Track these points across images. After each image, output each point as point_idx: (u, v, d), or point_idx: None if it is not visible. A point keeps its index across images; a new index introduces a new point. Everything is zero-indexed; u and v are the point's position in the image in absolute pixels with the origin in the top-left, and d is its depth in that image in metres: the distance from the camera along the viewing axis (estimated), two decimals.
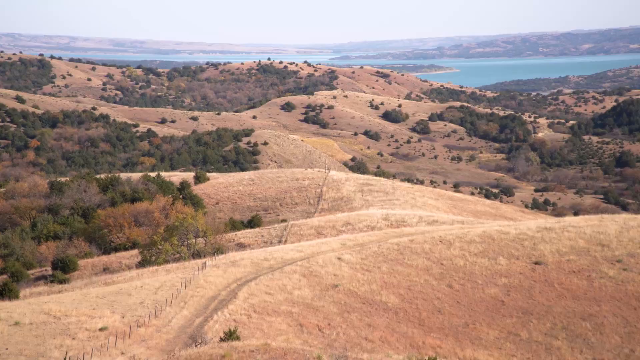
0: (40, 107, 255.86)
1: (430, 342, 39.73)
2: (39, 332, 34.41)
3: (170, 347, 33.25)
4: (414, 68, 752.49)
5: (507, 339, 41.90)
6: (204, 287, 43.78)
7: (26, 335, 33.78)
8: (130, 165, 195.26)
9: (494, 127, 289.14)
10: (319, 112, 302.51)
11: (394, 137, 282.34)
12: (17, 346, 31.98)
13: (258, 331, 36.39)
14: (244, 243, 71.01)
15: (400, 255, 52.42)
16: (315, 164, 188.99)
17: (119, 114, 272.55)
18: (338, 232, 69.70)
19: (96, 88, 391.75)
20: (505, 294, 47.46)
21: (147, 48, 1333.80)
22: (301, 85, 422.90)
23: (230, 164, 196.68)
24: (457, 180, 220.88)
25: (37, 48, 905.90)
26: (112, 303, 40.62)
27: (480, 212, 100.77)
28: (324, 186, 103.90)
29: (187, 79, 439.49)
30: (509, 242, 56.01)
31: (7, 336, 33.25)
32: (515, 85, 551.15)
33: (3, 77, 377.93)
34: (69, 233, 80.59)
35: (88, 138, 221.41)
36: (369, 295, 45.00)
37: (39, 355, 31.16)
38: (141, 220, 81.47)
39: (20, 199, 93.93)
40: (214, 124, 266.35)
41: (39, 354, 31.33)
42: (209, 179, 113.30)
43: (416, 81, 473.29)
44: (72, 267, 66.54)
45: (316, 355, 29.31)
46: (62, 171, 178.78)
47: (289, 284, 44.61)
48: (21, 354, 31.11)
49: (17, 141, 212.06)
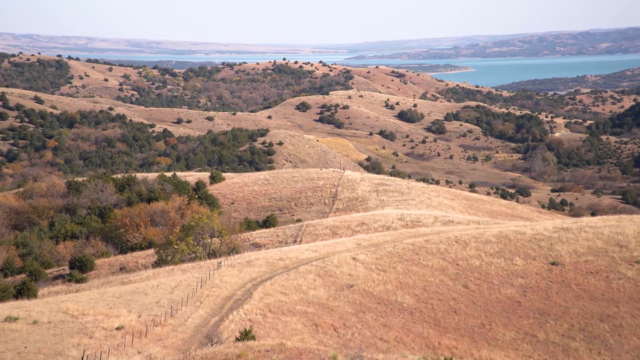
0: (58, 107, 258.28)
1: (446, 343, 39.57)
2: (57, 331, 34.71)
3: (186, 347, 33.40)
4: (429, 68, 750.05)
5: (524, 339, 41.62)
6: (220, 287, 43.92)
7: (44, 334, 34.09)
8: (146, 165, 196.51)
9: (510, 126, 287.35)
10: (334, 112, 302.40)
11: (409, 137, 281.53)
12: (35, 345, 32.28)
13: (273, 331, 36.44)
14: (259, 243, 71.18)
15: (416, 255, 52.26)
16: (330, 164, 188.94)
17: (135, 114, 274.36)
18: (353, 232, 69.64)
19: (113, 88, 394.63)
20: (521, 295, 47.15)
21: (163, 48, 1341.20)
22: (316, 85, 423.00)
23: (245, 163, 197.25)
24: (472, 180, 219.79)
25: (55, 49, 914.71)
26: (128, 302, 40.88)
27: (496, 213, 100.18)
28: (339, 186, 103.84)
29: (202, 79, 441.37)
30: (526, 242, 55.64)
31: (25, 335, 33.58)
32: (532, 85, 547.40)
33: (22, 78, 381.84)
34: (86, 232, 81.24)
35: (105, 138, 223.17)
36: (384, 295, 44.90)
37: (57, 353, 31.43)
38: (157, 220, 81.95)
39: (38, 199, 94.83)
40: (230, 124, 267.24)
41: (57, 352, 31.59)
42: (225, 179, 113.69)
43: (432, 81, 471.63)
44: (89, 266, 67.08)
45: (331, 355, 29.30)
46: (79, 171, 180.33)
47: (304, 283, 44.64)
48: (39, 352, 31.39)
49: (35, 141, 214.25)
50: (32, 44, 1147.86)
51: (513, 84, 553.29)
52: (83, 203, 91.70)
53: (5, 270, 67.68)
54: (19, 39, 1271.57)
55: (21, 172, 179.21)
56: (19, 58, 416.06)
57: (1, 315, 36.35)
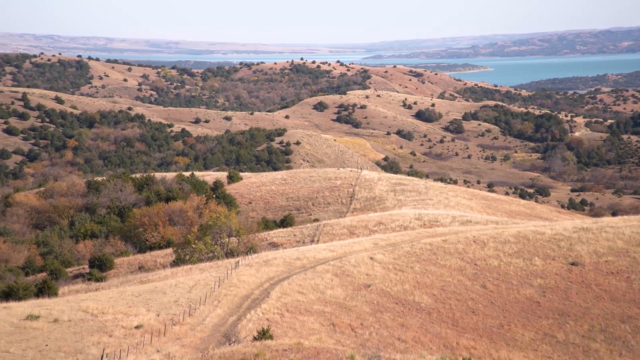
0: (78, 107, 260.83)
1: (464, 343, 39.38)
2: (77, 329, 35.05)
3: (205, 346, 33.56)
4: (447, 67, 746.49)
5: (543, 340, 41.29)
6: (237, 286, 44.08)
7: (65, 332, 34.44)
8: (164, 165, 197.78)
9: (529, 126, 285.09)
10: (351, 111, 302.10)
11: (427, 137, 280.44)
12: (56, 343, 32.63)
13: (291, 330, 36.50)
14: (276, 242, 71.33)
15: (433, 255, 52.06)
16: (348, 164, 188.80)
17: (154, 114, 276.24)
18: (370, 231, 69.54)
19: (132, 88, 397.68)
20: (540, 295, 46.78)
21: (181, 48, 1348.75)
22: (334, 84, 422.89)
23: (262, 163, 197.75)
24: (491, 180, 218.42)
25: (75, 49, 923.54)
26: (147, 301, 41.16)
27: (515, 212, 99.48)
28: (357, 186, 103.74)
29: (220, 79, 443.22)
30: (545, 242, 55.19)
31: (46, 333, 33.95)
32: (552, 84, 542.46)
33: (43, 78, 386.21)
34: (105, 232, 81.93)
35: (124, 138, 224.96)
36: (401, 295, 44.79)
37: (77, 352, 31.74)
38: (175, 220, 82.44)
39: (58, 198, 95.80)
40: (247, 124, 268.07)
41: (77, 350, 31.91)
42: (242, 179, 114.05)
43: (450, 80, 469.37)
44: (108, 265, 67.65)
45: (349, 355, 29.28)
46: (98, 171, 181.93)
47: (321, 283, 44.66)
48: (60, 350, 31.72)
49: (56, 141, 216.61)
50: (53, 44, 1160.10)
51: (532, 83, 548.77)
52: (102, 202, 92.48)
53: (27, 269, 68.48)
54: (40, 39, 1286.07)
55: (42, 172, 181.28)
56: (40, 58, 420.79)
57: (23, 313, 36.79)
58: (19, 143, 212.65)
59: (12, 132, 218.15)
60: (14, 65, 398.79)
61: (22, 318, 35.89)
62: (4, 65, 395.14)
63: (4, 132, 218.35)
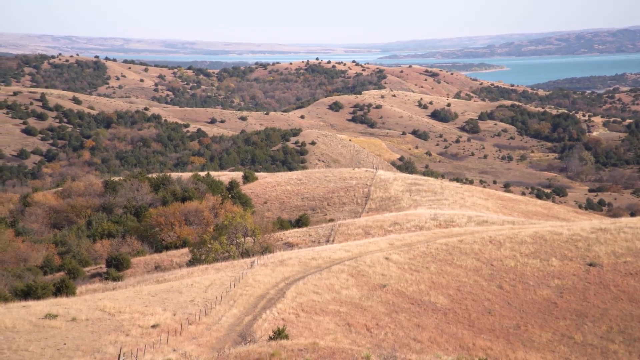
0: (95, 107, 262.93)
1: (481, 344, 39.18)
2: (95, 328, 35.32)
3: (220, 345, 33.68)
4: (463, 67, 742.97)
5: (561, 341, 40.98)
6: (253, 286, 44.19)
7: (83, 331, 34.72)
8: (180, 165, 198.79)
9: (546, 126, 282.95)
10: (366, 111, 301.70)
11: (443, 137, 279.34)
12: (74, 341, 32.91)
13: (306, 330, 36.53)
14: (291, 242, 71.41)
15: (449, 255, 51.86)
16: (363, 164, 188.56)
17: (170, 114, 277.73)
18: (386, 232, 69.41)
19: (148, 89, 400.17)
20: (558, 296, 46.43)
21: (197, 49, 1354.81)
22: (349, 84, 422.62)
23: (278, 163, 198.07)
24: (507, 180, 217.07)
25: (92, 50, 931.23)
26: (163, 300, 41.39)
27: (532, 213, 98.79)
28: (372, 186, 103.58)
29: (236, 79, 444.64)
30: (562, 243, 54.76)
31: (65, 332, 34.25)
32: (569, 84, 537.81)
33: (61, 79, 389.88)
34: (122, 231, 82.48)
35: (140, 138, 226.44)
36: (417, 295, 44.66)
37: (95, 350, 31.98)
38: (191, 219, 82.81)
39: (76, 198, 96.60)
40: (263, 124, 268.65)
41: (94, 349, 32.15)
42: (258, 179, 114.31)
43: (466, 80, 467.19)
44: (125, 264, 68.08)
45: (364, 355, 29.24)
46: (115, 170, 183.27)
47: (336, 283, 44.65)
48: (78, 349, 31.98)
49: (73, 141, 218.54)
50: (71, 45, 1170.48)
51: (549, 83, 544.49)
52: (119, 202, 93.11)
53: (45, 268, 69.13)
54: (58, 40, 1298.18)
55: (60, 172, 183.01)
56: (58, 59, 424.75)
57: (41, 312, 37.15)
58: (38, 143, 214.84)
59: (30, 132, 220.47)
60: (33, 66, 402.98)
61: (41, 317, 36.23)
62: (23, 66, 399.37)
63: (22, 132, 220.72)
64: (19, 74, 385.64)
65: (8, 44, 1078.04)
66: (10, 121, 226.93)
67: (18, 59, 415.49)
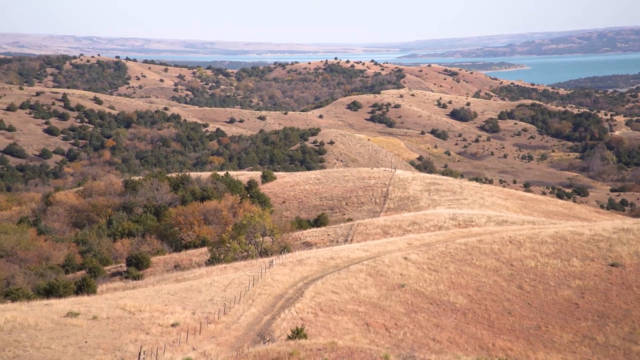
0: (115, 107, 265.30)
1: (501, 344, 38.90)
2: (115, 326, 35.62)
3: (239, 344, 33.79)
4: (483, 66, 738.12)
5: (582, 342, 40.55)
6: (271, 285, 44.29)
7: (103, 329, 35.03)
8: (199, 164, 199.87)
9: (567, 125, 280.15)
10: (385, 111, 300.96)
11: (462, 136, 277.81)
12: (95, 340, 33.21)
13: (325, 330, 36.53)
14: (310, 242, 71.44)
15: (468, 255, 51.55)
16: (382, 163, 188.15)
17: (189, 114, 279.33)
18: (404, 231, 69.18)
19: (168, 88, 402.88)
20: (579, 297, 45.95)
21: (217, 49, 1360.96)
22: (368, 84, 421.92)
23: (296, 163, 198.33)
24: (527, 179, 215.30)
25: (113, 50, 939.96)
26: (183, 299, 41.62)
27: (552, 213, 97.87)
28: (390, 185, 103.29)
29: (255, 79, 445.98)
30: (583, 243, 54.19)
31: (86, 330, 34.58)
32: (591, 83, 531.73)
33: (82, 79, 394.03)
34: (142, 230, 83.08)
35: (160, 138, 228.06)
36: (436, 295, 44.46)
37: (115, 349, 32.25)
38: (210, 219, 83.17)
39: (97, 197, 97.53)
40: (281, 124, 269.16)
41: (115, 347, 32.42)
42: (276, 178, 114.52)
43: (485, 79, 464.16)
44: (145, 263, 68.55)
45: (383, 355, 29.17)
46: (135, 170, 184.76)
47: (355, 283, 44.59)
48: (99, 347, 32.27)
49: (94, 141, 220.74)
50: (92, 45, 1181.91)
51: (570, 82, 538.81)
52: (139, 201, 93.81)
53: (67, 267, 69.87)
54: (79, 41, 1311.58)
55: (81, 171, 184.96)
56: (80, 60, 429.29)
57: (63, 310, 37.54)
58: (59, 143, 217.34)
59: (52, 132, 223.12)
60: (55, 66, 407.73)
61: (63, 315, 36.62)
62: (46, 66, 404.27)
63: (45, 132, 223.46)
64: (41, 74, 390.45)
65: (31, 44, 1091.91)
66: (33, 121, 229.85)
67: (41, 60, 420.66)
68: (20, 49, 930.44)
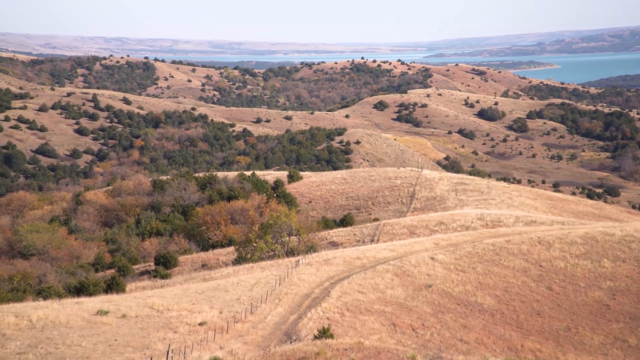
0: (144, 108, 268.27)
1: (530, 346, 38.46)
2: (144, 325, 36.00)
3: (266, 343, 33.91)
4: (511, 65, 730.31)
5: (614, 344, 39.89)
6: (298, 285, 44.36)
7: (132, 327, 35.43)
8: (226, 164, 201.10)
9: (598, 124, 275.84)
10: (412, 110, 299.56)
11: (490, 136, 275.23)
12: (124, 338, 33.61)
13: (351, 330, 36.48)
14: (336, 242, 71.42)
15: (496, 256, 51.06)
16: (408, 163, 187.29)
17: (216, 114, 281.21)
18: (431, 231, 68.79)
19: (195, 89, 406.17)
20: (610, 298, 45.22)
21: (244, 49, 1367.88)
22: (394, 83, 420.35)
23: (323, 162, 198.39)
24: (556, 179, 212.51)
25: (142, 51, 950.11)
26: (210, 299, 41.91)
27: (582, 213, 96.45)
28: (417, 185, 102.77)
29: (281, 79, 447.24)
30: (614, 244, 53.30)
31: (115, 328, 35.01)
32: (622, 81, 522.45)
33: (112, 80, 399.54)
34: (169, 230, 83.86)
35: (187, 138, 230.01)
36: (463, 296, 44.12)
37: (144, 347, 32.59)
38: (237, 218, 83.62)
39: (126, 197, 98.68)
40: (307, 123, 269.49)
41: (144, 346, 32.76)
42: (302, 178, 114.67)
43: (514, 78, 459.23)
44: (173, 263, 69.21)
45: (410, 356, 29.03)
46: (163, 170, 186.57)
47: (381, 283, 44.47)
48: (128, 345, 32.66)
49: (123, 141, 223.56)
50: (122, 46, 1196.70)
51: (601, 81, 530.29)
52: (167, 201, 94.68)
53: (97, 266, 70.84)
54: (109, 42, 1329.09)
55: (110, 171, 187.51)
56: (110, 60, 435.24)
57: (93, 308, 38.07)
58: (89, 143, 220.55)
59: (83, 132, 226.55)
60: (85, 67, 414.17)
61: (93, 313, 37.12)
62: (76, 67, 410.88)
63: (75, 132, 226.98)
64: (72, 75, 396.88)
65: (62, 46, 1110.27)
66: (64, 121, 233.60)
67: (72, 61, 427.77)
68: (52, 50, 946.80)
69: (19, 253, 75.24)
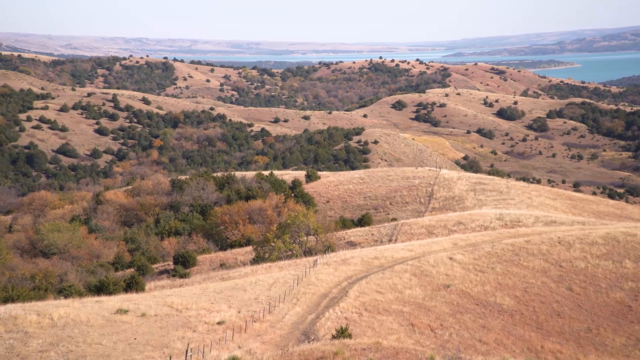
0: (163, 108, 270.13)
1: (550, 347, 38.13)
2: (163, 323, 36.22)
3: (284, 343, 33.97)
4: (531, 64, 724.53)
5: (636, 346, 39.42)
6: (316, 285, 44.38)
7: (152, 326, 35.66)
8: (244, 164, 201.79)
9: (620, 123, 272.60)
10: (430, 110, 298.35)
11: (509, 135, 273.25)
12: (144, 336, 33.84)
13: (369, 330, 36.43)
14: (354, 241, 71.35)
15: (516, 256, 50.68)
16: (426, 163, 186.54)
17: (234, 114, 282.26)
18: (449, 231, 68.45)
19: (214, 89, 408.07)
20: (632, 299, 44.69)
21: (262, 49, 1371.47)
22: (412, 83, 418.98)
23: (340, 162, 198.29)
24: (577, 179, 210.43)
25: (161, 51, 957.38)
26: (228, 298, 42.06)
27: (603, 213, 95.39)
28: (435, 185, 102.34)
29: (299, 78, 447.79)
30: (636, 244, 52.66)
31: (135, 327, 35.26)
32: None
33: (131, 80, 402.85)
34: (188, 229, 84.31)
35: (206, 137, 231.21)
36: (482, 296, 43.85)
37: (163, 346, 32.79)
38: (255, 218, 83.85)
39: (145, 196, 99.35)
40: (325, 123, 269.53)
41: (163, 344, 32.96)
42: (320, 178, 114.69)
43: (533, 77, 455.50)
44: (191, 262, 69.58)
45: (429, 356, 28.92)
46: (182, 169, 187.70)
47: (399, 283, 44.34)
48: (148, 344, 32.88)
49: (142, 141, 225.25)
50: (141, 47, 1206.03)
51: (623, 80, 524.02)
52: (186, 201, 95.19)
53: (116, 265, 71.45)
54: (129, 42, 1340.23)
55: (130, 171, 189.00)
56: (129, 61, 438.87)
57: (113, 307, 38.37)
58: (109, 143, 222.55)
59: (103, 132, 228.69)
60: (105, 67, 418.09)
61: (113, 312, 37.42)
62: (97, 67, 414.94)
63: (95, 132, 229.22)
64: (92, 75, 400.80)
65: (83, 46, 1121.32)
66: (85, 121, 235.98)
67: (92, 61, 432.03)
68: (73, 50, 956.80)
69: (41, 252, 76.13)
